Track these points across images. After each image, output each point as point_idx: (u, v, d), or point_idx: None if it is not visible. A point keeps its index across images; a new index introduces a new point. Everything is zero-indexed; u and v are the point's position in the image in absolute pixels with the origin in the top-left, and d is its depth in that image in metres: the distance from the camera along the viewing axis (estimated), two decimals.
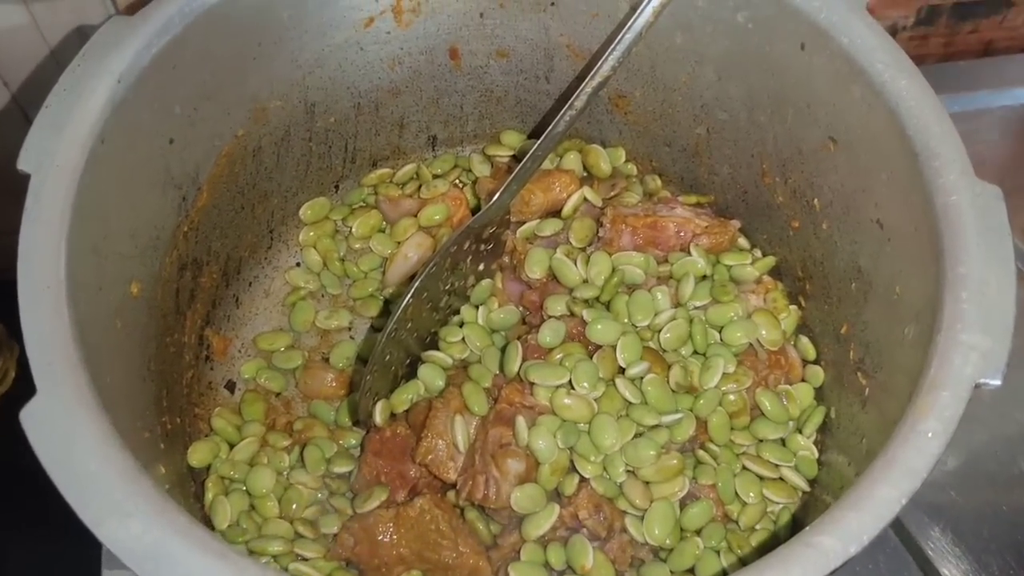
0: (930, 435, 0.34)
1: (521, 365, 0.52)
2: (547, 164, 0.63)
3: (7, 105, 0.66)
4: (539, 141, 0.51)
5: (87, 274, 0.40)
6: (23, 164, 0.40)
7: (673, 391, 0.52)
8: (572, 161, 0.63)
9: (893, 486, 0.33)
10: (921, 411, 0.35)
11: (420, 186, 0.63)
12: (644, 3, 0.47)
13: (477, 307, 0.58)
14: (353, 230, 0.62)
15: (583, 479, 0.50)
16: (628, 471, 0.50)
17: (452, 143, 0.65)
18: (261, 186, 0.57)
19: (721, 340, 0.54)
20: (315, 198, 0.62)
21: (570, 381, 0.51)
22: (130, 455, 0.34)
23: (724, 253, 0.57)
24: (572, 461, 0.50)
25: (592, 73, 0.49)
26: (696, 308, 0.55)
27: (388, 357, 0.53)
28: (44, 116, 0.41)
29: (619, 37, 0.48)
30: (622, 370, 0.52)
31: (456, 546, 0.49)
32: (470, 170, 0.64)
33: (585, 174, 0.63)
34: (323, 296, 0.62)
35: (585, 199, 0.60)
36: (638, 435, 0.51)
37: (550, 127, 0.50)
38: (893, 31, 0.73)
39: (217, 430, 0.54)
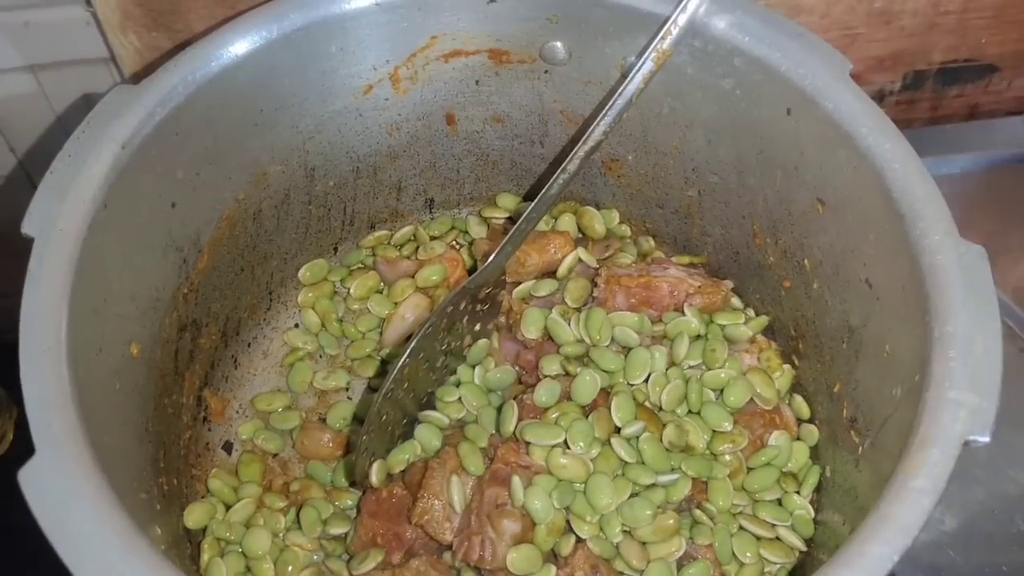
0: (920, 492, 0.34)
1: (517, 425, 0.53)
2: (542, 226, 0.64)
3: (13, 170, 0.68)
4: (533, 203, 0.52)
5: (87, 335, 0.41)
6: (27, 228, 0.41)
7: (667, 450, 0.52)
8: (567, 223, 0.64)
9: (885, 543, 0.33)
10: (911, 468, 0.35)
11: (417, 248, 0.64)
12: (634, 71, 0.49)
13: (474, 367, 0.58)
14: (351, 291, 0.63)
15: (579, 540, 0.50)
16: (624, 531, 0.50)
17: (449, 205, 0.66)
18: (261, 248, 0.58)
19: (717, 400, 0.54)
20: (314, 260, 0.63)
21: (565, 441, 0.51)
22: (127, 516, 0.34)
23: (717, 313, 0.58)
24: (568, 521, 0.50)
25: (584, 138, 0.50)
26: (691, 367, 0.56)
27: (385, 417, 0.53)
28: (48, 181, 0.42)
29: (610, 103, 0.49)
30: (618, 429, 0.52)
31: None
32: (467, 232, 0.65)
33: (580, 235, 0.64)
34: (321, 357, 0.62)
35: (580, 260, 0.61)
36: (634, 495, 0.51)
37: (544, 190, 0.51)
38: (880, 96, 0.74)
39: (214, 491, 0.54)
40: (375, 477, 0.53)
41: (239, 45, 0.49)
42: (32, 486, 0.33)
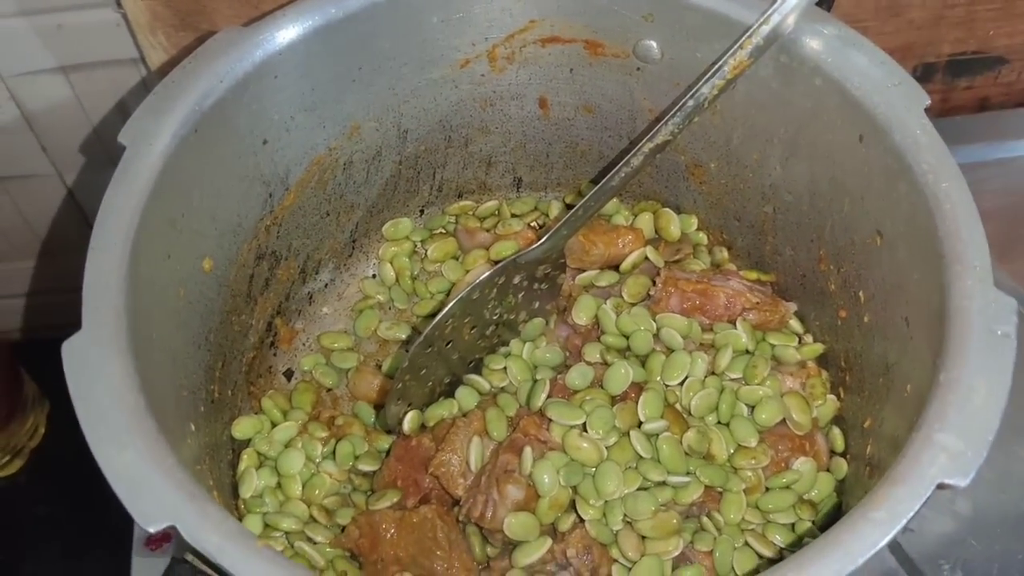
0: (875, 523, 0.34)
1: (544, 401, 0.55)
2: (620, 219, 0.65)
3: (46, 170, 0.74)
4: (591, 192, 0.53)
5: (158, 242, 0.46)
6: (122, 137, 0.46)
7: (686, 453, 0.53)
8: (644, 221, 0.65)
9: (826, 567, 0.33)
10: (875, 500, 0.35)
11: (498, 222, 0.67)
12: (706, 77, 0.49)
13: (525, 342, 0.60)
14: (429, 253, 0.66)
15: (580, 520, 0.51)
16: (626, 521, 0.51)
17: (536, 187, 0.68)
18: (348, 197, 0.62)
19: (748, 415, 0.54)
20: (399, 217, 0.67)
21: (585, 424, 0.53)
22: (143, 398, 0.38)
23: (772, 332, 0.58)
24: (573, 501, 0.52)
25: (651, 134, 0.51)
26: (731, 380, 0.56)
27: (425, 371, 0.56)
28: (149, 102, 0.47)
29: (680, 104, 0.50)
30: (640, 424, 0.53)
31: (449, 558, 0.51)
32: (547, 215, 0.67)
33: (655, 236, 0.65)
34: (390, 308, 0.66)
35: (646, 258, 0.62)
36: (643, 489, 0.52)
37: (603, 180, 0.53)
38: None
39: (265, 410, 0.59)
40: (408, 425, 0.56)
41: (348, 3, 0.53)
42: (69, 358, 0.38)
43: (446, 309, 0.53)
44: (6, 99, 0.74)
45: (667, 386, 0.55)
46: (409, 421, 0.57)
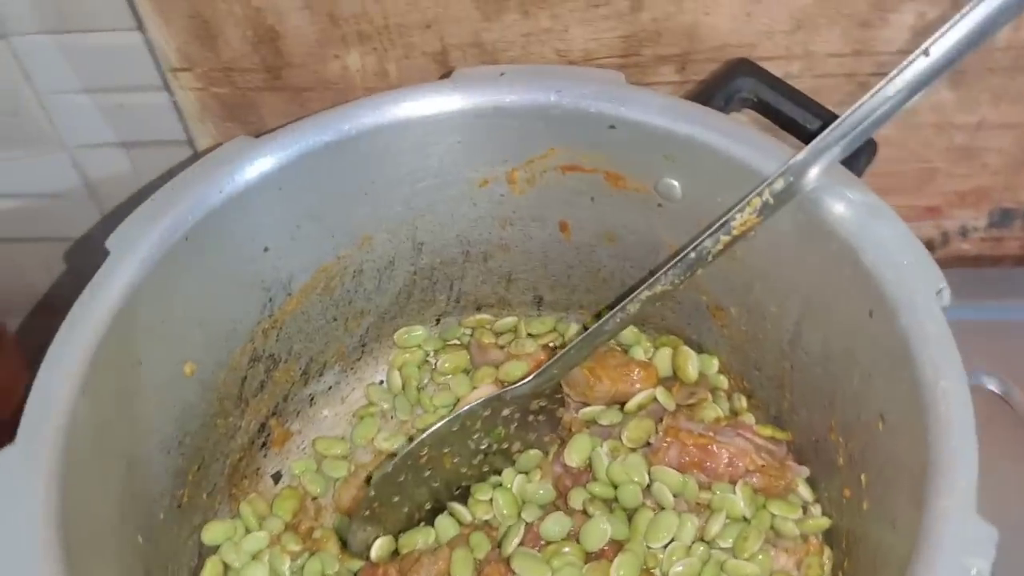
0: None
1: (515, 548, 0.52)
2: (639, 352, 0.62)
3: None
4: (582, 336, 0.51)
5: (127, 349, 0.46)
6: (109, 243, 0.46)
7: None
8: (662, 357, 0.61)
9: None
10: None
11: (513, 340, 0.65)
12: (710, 231, 0.46)
13: (518, 473, 0.58)
14: (439, 364, 0.65)
15: None
16: None
17: (558, 307, 0.66)
18: (358, 304, 0.62)
19: None
20: (414, 325, 0.65)
21: None
22: (59, 534, 0.37)
23: (774, 499, 0.53)
24: None
25: (649, 283, 0.48)
26: (723, 548, 0.52)
27: (399, 499, 0.54)
28: (143, 208, 0.48)
29: (681, 255, 0.47)
30: None
31: None
32: (565, 336, 0.65)
33: (672, 375, 0.61)
34: (392, 418, 0.64)
35: (655, 399, 0.59)
36: None
37: (598, 323, 0.50)
38: (963, 232, 0.71)
39: (242, 515, 0.58)
40: (375, 553, 0.54)
41: (362, 121, 0.53)
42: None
43: (415, 442, 0.52)
44: (70, 167, 0.77)
45: (649, 548, 0.52)
46: (377, 549, 0.55)
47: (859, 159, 0.52)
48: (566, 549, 0.52)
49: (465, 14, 0.60)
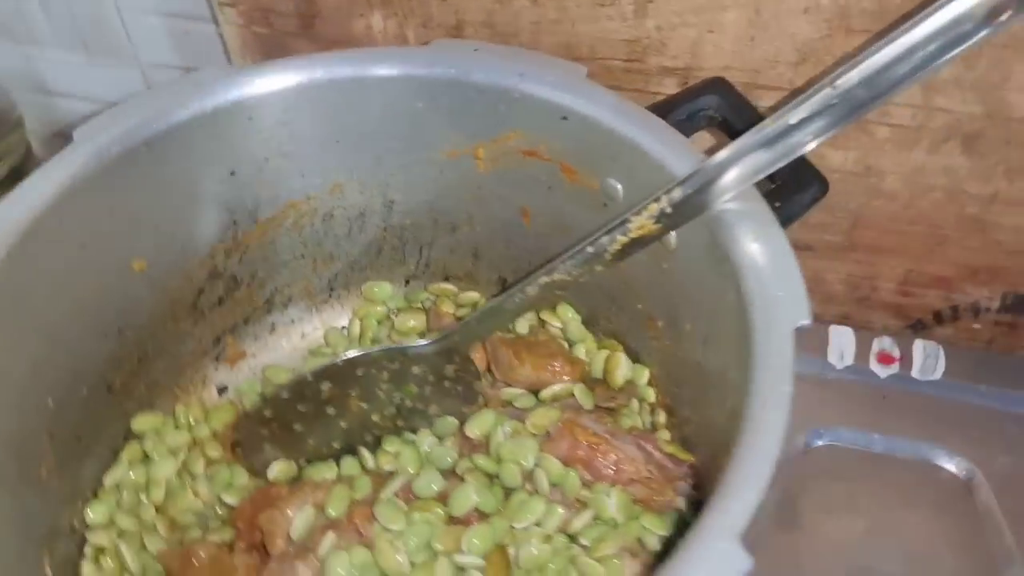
0: None
1: (387, 496, 0.54)
2: (581, 351, 0.63)
3: None
4: (482, 308, 0.52)
5: (74, 232, 0.51)
6: (75, 133, 0.52)
7: None
8: (597, 358, 0.62)
9: None
10: None
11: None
12: (612, 225, 0.47)
13: (432, 437, 0.60)
14: (396, 323, 0.67)
15: None
16: None
17: None
18: (327, 248, 0.65)
19: None
20: (383, 281, 0.68)
21: (401, 534, 0.51)
22: None
23: (650, 513, 0.53)
24: None
25: (548, 268, 0.49)
26: (581, 545, 0.52)
27: (301, 429, 0.57)
28: (117, 108, 0.53)
29: (580, 246, 0.48)
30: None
31: None
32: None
33: (599, 378, 0.62)
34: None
35: (572, 394, 0.59)
36: None
37: (496, 300, 0.51)
38: (975, 311, 0.69)
39: (175, 413, 0.62)
40: (272, 473, 0.58)
41: (335, 70, 0.56)
42: None
43: (308, 371, 0.54)
44: (140, 82, 0.84)
45: (512, 527, 0.53)
46: (275, 470, 0.58)
47: (804, 193, 0.51)
48: (437, 510, 0.53)
49: None
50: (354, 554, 0.51)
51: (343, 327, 0.69)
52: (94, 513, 0.56)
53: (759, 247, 0.45)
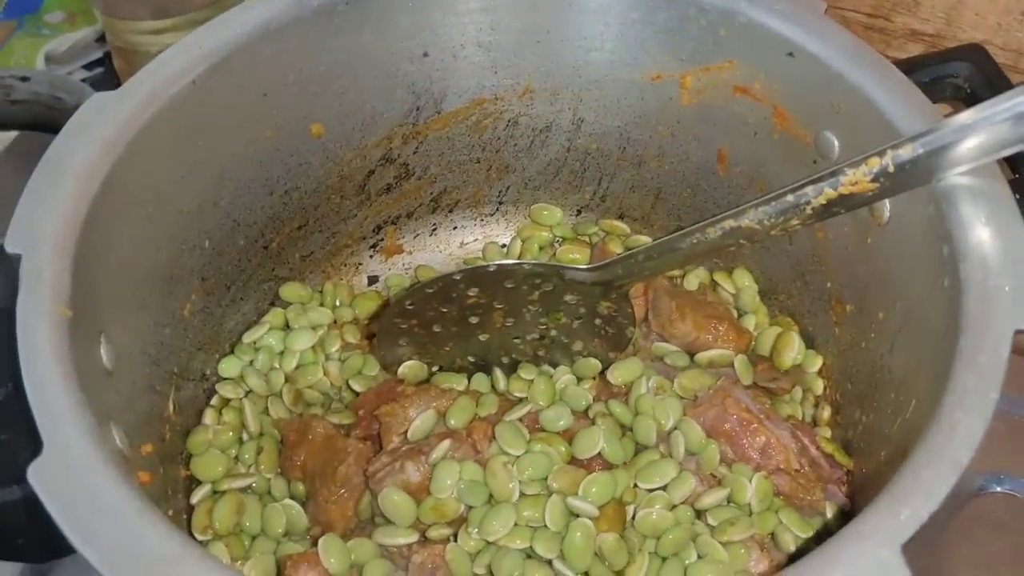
0: None
1: (511, 419, 0.51)
2: (750, 321, 0.57)
3: None
4: (655, 242, 0.48)
5: (253, 78, 0.50)
6: None
7: (596, 555, 0.46)
8: (768, 333, 0.56)
9: None
10: None
11: None
12: (821, 174, 0.41)
13: (571, 375, 0.56)
14: (558, 252, 0.63)
15: (453, 540, 0.47)
16: (488, 571, 0.46)
17: None
18: (505, 157, 0.62)
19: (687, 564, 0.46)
20: (553, 205, 0.65)
21: (519, 459, 0.48)
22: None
23: (790, 510, 0.48)
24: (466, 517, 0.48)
25: (737, 211, 0.44)
26: (706, 524, 0.47)
27: (440, 332, 0.54)
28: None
29: (779, 193, 0.42)
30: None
31: (337, 494, 0.50)
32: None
33: (766, 355, 0.56)
34: None
35: (731, 364, 0.54)
36: (526, 554, 0.46)
37: (671, 236, 0.47)
38: None
39: (323, 290, 0.61)
40: (403, 370, 0.56)
41: None
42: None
43: (462, 269, 0.51)
44: None
45: (636, 486, 0.48)
46: (406, 368, 0.56)
47: None
48: (560, 447, 0.50)
49: None
50: (465, 468, 0.48)
51: (504, 245, 0.66)
52: (227, 366, 0.56)
53: (990, 232, 0.38)
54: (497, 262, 0.52)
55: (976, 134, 0.37)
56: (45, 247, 0.39)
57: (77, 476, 0.34)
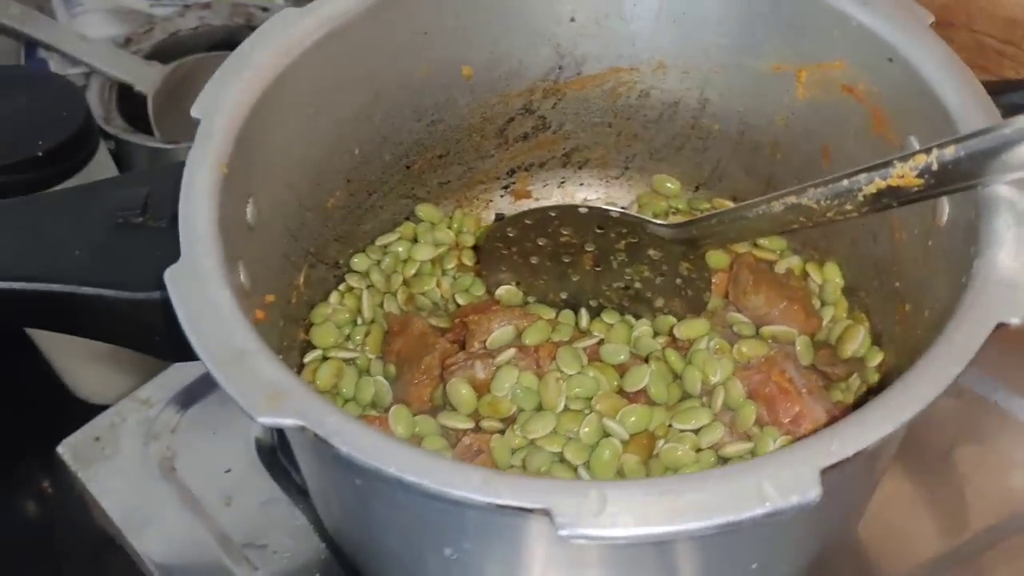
0: None
1: (575, 347, 0.57)
2: (829, 312, 0.61)
3: None
4: (725, 210, 0.52)
5: (411, 17, 0.58)
6: None
7: (617, 473, 0.52)
8: (838, 325, 0.59)
9: None
10: None
11: None
12: (877, 164, 0.45)
13: (650, 328, 0.61)
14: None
15: (501, 432, 0.54)
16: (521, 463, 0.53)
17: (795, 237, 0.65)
18: (634, 127, 0.67)
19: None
20: (674, 177, 0.70)
21: (571, 378, 0.55)
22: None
23: None
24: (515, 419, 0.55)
25: (797, 189, 0.48)
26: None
27: (536, 261, 0.61)
28: None
29: (834, 177, 0.46)
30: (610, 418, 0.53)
31: (418, 379, 0.58)
32: None
33: (830, 345, 0.59)
34: None
35: (794, 342, 0.58)
36: (559, 458, 0.53)
37: (740, 205, 0.51)
38: None
39: (453, 217, 0.70)
40: (500, 293, 0.63)
41: None
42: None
43: (557, 206, 0.58)
44: None
45: (670, 425, 0.54)
46: (504, 291, 0.63)
47: None
48: (612, 378, 0.56)
49: None
50: (523, 376, 0.55)
51: (623, 207, 0.72)
52: (358, 261, 0.65)
53: (1012, 236, 0.41)
54: (589, 205, 0.58)
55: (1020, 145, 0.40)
56: (219, 116, 0.49)
57: (201, 287, 0.43)
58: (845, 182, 0.46)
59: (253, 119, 0.51)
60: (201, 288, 0.42)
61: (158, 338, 0.49)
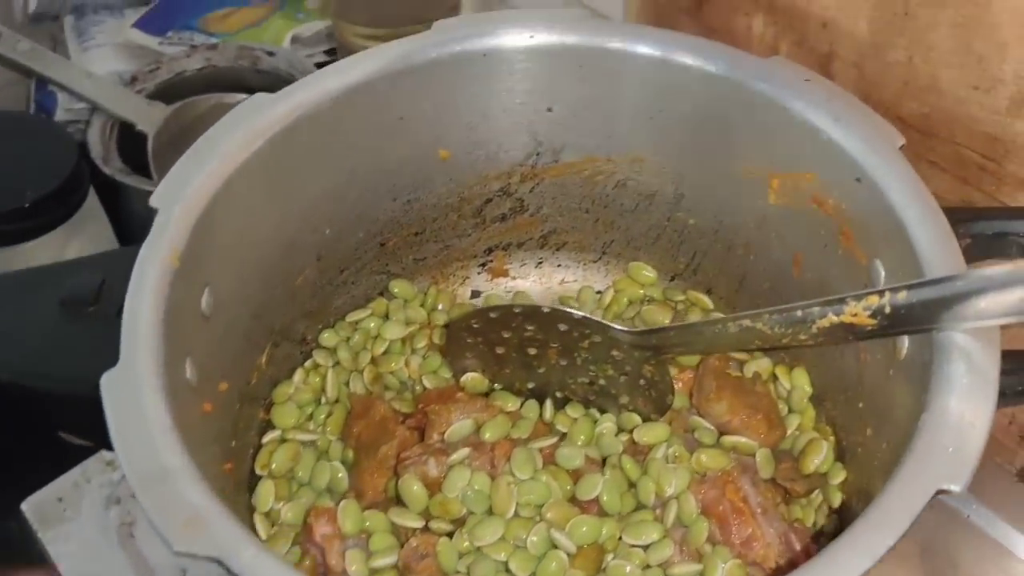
0: None
1: (532, 447, 0.56)
2: (794, 421, 0.59)
3: None
4: (684, 324, 0.51)
5: (389, 103, 0.58)
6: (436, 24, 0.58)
7: None
8: (802, 435, 0.58)
9: None
10: None
11: None
12: (831, 300, 0.44)
13: (612, 424, 0.60)
14: (642, 311, 0.67)
15: (448, 536, 0.53)
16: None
17: None
18: (611, 215, 0.67)
19: None
20: (650, 266, 0.69)
21: (522, 483, 0.54)
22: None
23: None
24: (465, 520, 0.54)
25: (753, 313, 0.47)
26: None
27: (503, 352, 0.60)
28: (470, 16, 0.59)
29: (790, 307, 0.45)
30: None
31: (372, 470, 0.58)
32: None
33: (790, 460, 0.58)
34: None
35: (754, 454, 0.57)
36: (505, 568, 0.52)
37: (700, 321, 0.50)
38: None
39: (428, 294, 0.69)
40: (465, 380, 0.62)
41: (670, 52, 0.57)
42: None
43: (521, 304, 0.57)
44: None
45: (620, 538, 0.53)
46: (468, 378, 0.63)
47: None
48: (566, 484, 0.55)
49: (856, 31, 0.60)
50: (476, 477, 0.54)
51: (599, 291, 0.71)
52: (327, 335, 0.65)
53: (963, 387, 0.39)
54: (552, 306, 0.57)
55: (978, 297, 0.39)
56: (176, 207, 0.49)
57: (135, 395, 0.43)
58: (799, 312, 0.45)
59: (214, 207, 0.51)
60: (135, 396, 0.42)
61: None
